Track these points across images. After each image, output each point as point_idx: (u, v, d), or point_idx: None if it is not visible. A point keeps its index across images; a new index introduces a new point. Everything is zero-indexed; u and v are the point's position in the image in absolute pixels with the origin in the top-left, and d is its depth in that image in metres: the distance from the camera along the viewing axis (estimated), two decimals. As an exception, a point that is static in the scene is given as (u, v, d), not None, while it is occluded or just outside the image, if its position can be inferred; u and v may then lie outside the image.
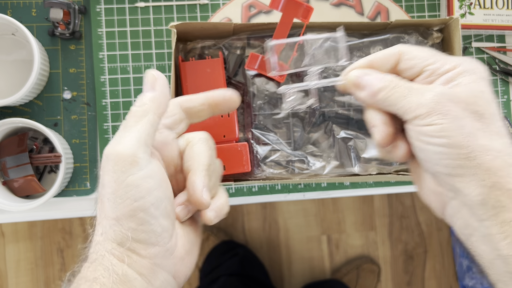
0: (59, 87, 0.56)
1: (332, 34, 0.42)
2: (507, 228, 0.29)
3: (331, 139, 0.51)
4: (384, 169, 0.51)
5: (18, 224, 1.28)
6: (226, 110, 0.38)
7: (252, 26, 0.49)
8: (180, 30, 0.48)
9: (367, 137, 0.50)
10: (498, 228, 0.29)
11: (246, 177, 0.50)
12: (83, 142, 0.55)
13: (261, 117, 0.51)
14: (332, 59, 0.43)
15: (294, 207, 1.33)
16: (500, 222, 0.29)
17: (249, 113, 0.51)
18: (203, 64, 0.50)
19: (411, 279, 1.34)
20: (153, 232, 0.29)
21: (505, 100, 0.59)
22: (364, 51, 0.50)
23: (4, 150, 0.52)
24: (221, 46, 0.51)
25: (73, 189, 0.55)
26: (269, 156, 0.50)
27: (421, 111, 0.30)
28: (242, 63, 0.51)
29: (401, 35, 0.50)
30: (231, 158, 0.48)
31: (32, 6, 0.56)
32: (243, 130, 0.51)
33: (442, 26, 0.51)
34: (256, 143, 0.50)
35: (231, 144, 0.48)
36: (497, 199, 0.29)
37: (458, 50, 0.48)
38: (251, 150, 0.50)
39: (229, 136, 0.49)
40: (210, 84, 0.50)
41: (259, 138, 0.50)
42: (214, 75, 0.50)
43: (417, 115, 0.30)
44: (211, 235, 1.25)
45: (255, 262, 1.17)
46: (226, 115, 0.48)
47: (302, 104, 0.46)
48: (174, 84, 0.48)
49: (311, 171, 0.50)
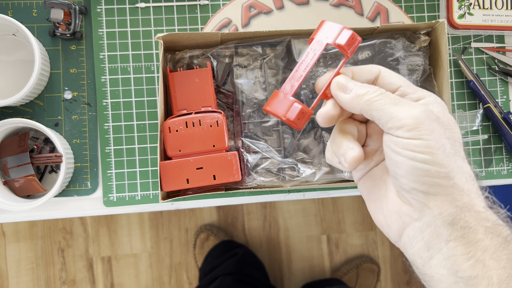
0: (60, 87, 0.56)
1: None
2: (472, 249, 0.29)
3: (321, 145, 0.51)
4: None
5: (19, 224, 1.28)
6: None
7: (240, 35, 0.50)
8: (168, 40, 0.48)
9: None
10: (463, 249, 0.29)
11: (237, 185, 0.50)
12: (83, 142, 0.56)
13: (251, 125, 0.51)
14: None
15: (294, 206, 1.33)
16: (466, 243, 0.29)
17: (239, 122, 0.51)
18: (191, 74, 0.50)
19: (410, 278, 1.34)
20: None
21: (505, 100, 0.59)
22: (352, 56, 0.50)
23: (5, 150, 0.52)
24: (209, 56, 0.52)
25: (74, 189, 0.55)
26: (260, 164, 0.50)
27: (409, 122, 0.30)
28: (231, 72, 0.51)
29: (388, 40, 0.50)
30: (221, 168, 0.48)
31: (33, 7, 0.56)
32: (233, 139, 0.51)
33: (429, 30, 0.51)
34: (247, 152, 0.50)
35: (221, 154, 0.48)
36: (465, 220, 0.30)
37: (445, 53, 0.48)
38: (241, 159, 0.50)
39: (218, 145, 0.49)
40: (199, 94, 0.50)
41: (249, 147, 0.50)
42: (202, 85, 0.50)
43: (403, 125, 0.30)
44: (211, 235, 1.25)
45: (253, 262, 1.17)
46: (215, 124, 0.48)
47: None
48: (163, 95, 0.48)
49: (302, 178, 0.50)
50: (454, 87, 0.59)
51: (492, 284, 0.28)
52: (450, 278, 0.29)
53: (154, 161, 0.56)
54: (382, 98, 0.32)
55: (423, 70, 0.51)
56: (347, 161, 0.33)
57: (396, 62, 0.50)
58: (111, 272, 1.29)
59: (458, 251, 0.29)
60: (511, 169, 0.59)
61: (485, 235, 0.29)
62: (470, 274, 0.29)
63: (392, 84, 0.34)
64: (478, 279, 0.28)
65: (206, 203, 0.57)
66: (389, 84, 0.34)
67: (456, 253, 0.29)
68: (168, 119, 0.49)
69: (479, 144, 0.59)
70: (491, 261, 0.29)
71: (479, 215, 0.30)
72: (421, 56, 0.51)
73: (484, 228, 0.30)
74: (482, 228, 0.30)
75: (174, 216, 1.31)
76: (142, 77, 0.56)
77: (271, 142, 0.51)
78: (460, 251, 0.29)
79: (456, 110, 0.59)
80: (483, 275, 0.28)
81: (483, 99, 0.58)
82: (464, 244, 0.29)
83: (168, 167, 0.48)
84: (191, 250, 1.29)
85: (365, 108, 0.32)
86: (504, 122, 0.57)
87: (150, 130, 0.56)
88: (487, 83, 0.59)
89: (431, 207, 0.30)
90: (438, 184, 0.30)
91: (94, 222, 1.29)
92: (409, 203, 0.32)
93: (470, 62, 0.60)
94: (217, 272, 1.05)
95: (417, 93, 0.33)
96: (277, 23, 0.58)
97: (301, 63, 0.35)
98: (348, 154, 0.33)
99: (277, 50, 0.51)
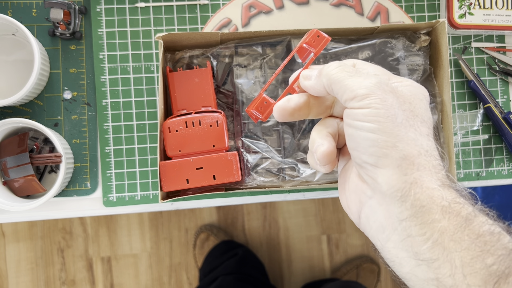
0: (60, 87, 0.56)
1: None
2: (427, 230, 0.27)
3: None
4: None
5: (19, 224, 1.28)
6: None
7: (240, 35, 0.50)
8: (167, 40, 0.48)
9: None
10: (418, 230, 0.27)
11: (237, 185, 0.50)
12: (83, 142, 0.55)
13: (250, 125, 0.51)
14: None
15: (294, 206, 1.33)
16: (420, 223, 0.27)
17: (239, 122, 0.51)
18: (191, 74, 0.50)
19: (411, 278, 1.34)
20: None
21: (505, 100, 0.59)
22: (352, 56, 0.50)
23: (5, 150, 0.52)
24: (209, 55, 0.52)
25: (74, 189, 0.55)
26: (260, 164, 0.50)
27: (361, 92, 0.29)
28: (231, 72, 0.51)
29: (388, 40, 0.50)
30: (221, 168, 0.48)
31: (33, 6, 0.56)
32: (233, 139, 0.51)
33: (429, 29, 0.51)
34: (246, 152, 0.50)
35: (221, 154, 0.48)
36: (416, 197, 0.27)
37: (445, 53, 0.48)
38: (241, 159, 0.50)
39: (218, 145, 0.49)
40: (199, 94, 0.50)
41: (249, 147, 0.50)
42: (202, 85, 0.50)
43: (356, 95, 0.30)
44: (211, 235, 1.25)
45: (253, 262, 1.17)
46: (215, 124, 0.48)
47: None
48: (162, 94, 0.48)
49: (302, 178, 0.50)
50: (454, 87, 0.59)
51: (456, 267, 0.26)
52: (411, 261, 0.27)
53: (153, 161, 0.56)
54: (340, 71, 0.31)
55: (424, 70, 0.51)
56: (318, 158, 0.32)
57: (396, 62, 0.50)
58: (111, 273, 1.29)
59: (413, 231, 0.27)
60: (511, 169, 0.59)
61: (442, 215, 0.27)
62: (430, 256, 0.26)
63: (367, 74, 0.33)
64: (440, 261, 0.26)
65: (206, 203, 0.57)
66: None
67: (411, 233, 0.27)
68: (168, 119, 0.49)
69: (480, 144, 0.59)
70: (452, 243, 0.26)
71: (433, 192, 0.27)
72: (422, 56, 0.51)
73: (440, 207, 0.27)
74: (438, 208, 0.27)
75: (174, 216, 1.31)
76: (141, 77, 0.56)
77: (271, 142, 0.51)
78: (416, 232, 0.27)
79: (457, 110, 0.59)
80: (444, 258, 0.26)
81: (483, 99, 0.58)
82: (418, 224, 0.27)
83: (168, 167, 0.48)
84: (191, 250, 1.29)
85: (326, 83, 0.32)
86: (505, 122, 0.57)
87: (149, 130, 0.56)
88: (488, 83, 0.59)
89: (379, 182, 0.29)
90: (385, 155, 0.28)
91: (94, 222, 1.29)
92: (363, 181, 0.30)
93: (470, 62, 0.59)
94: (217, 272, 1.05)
95: (393, 78, 0.33)
96: (277, 23, 0.58)
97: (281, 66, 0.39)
98: (319, 150, 0.33)
99: (277, 50, 0.51)
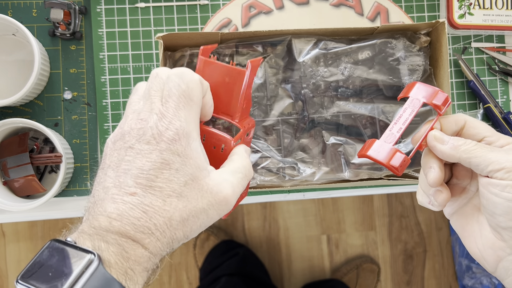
0: (60, 87, 0.56)
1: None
2: None
3: (321, 145, 0.51)
4: (374, 174, 0.50)
5: (19, 224, 1.28)
6: None
7: (240, 35, 0.50)
8: (167, 40, 0.48)
9: (356, 143, 0.50)
10: None
11: None
12: (83, 142, 0.55)
13: None
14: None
15: (294, 206, 1.33)
16: None
17: None
18: (224, 70, 0.38)
19: (410, 278, 1.34)
20: None
21: (505, 100, 0.59)
22: (352, 56, 0.50)
23: (5, 150, 0.52)
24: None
25: (74, 189, 0.55)
26: (260, 163, 0.50)
27: (509, 165, 0.34)
28: None
29: (388, 40, 0.50)
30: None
31: (33, 7, 0.56)
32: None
33: (429, 30, 0.51)
34: None
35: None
36: None
37: (445, 53, 0.48)
38: None
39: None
40: (224, 96, 0.38)
41: None
42: (231, 88, 0.38)
43: (503, 168, 0.34)
44: (211, 234, 1.25)
45: (255, 262, 1.17)
46: (219, 148, 0.38)
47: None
48: None
49: (302, 177, 0.50)
50: (454, 87, 0.59)
51: None
52: None
53: (154, 161, 0.56)
54: (479, 147, 0.36)
55: (424, 70, 0.51)
56: (437, 201, 0.38)
57: (396, 62, 0.50)
58: (111, 272, 1.29)
59: None
60: (511, 169, 0.59)
61: None
62: None
63: (478, 135, 0.38)
64: None
65: (206, 203, 0.57)
66: (474, 134, 0.38)
67: None
68: None
69: (479, 144, 0.59)
70: None
71: None
72: (422, 56, 0.51)
73: None
74: None
75: (174, 216, 1.31)
76: (142, 77, 0.56)
77: (271, 141, 0.51)
78: None
79: (457, 110, 0.59)
80: None
81: (483, 99, 0.58)
82: None
83: None
84: (191, 250, 1.29)
85: (464, 156, 0.37)
86: (504, 122, 0.57)
87: (150, 130, 0.56)
88: (487, 83, 0.59)
89: None
90: None
91: (94, 222, 1.29)
92: (502, 239, 0.36)
93: (470, 62, 0.59)
94: (218, 272, 1.05)
95: (500, 140, 0.37)
96: (277, 23, 0.58)
97: (400, 117, 0.40)
98: (437, 195, 0.38)
99: (278, 50, 0.51)
